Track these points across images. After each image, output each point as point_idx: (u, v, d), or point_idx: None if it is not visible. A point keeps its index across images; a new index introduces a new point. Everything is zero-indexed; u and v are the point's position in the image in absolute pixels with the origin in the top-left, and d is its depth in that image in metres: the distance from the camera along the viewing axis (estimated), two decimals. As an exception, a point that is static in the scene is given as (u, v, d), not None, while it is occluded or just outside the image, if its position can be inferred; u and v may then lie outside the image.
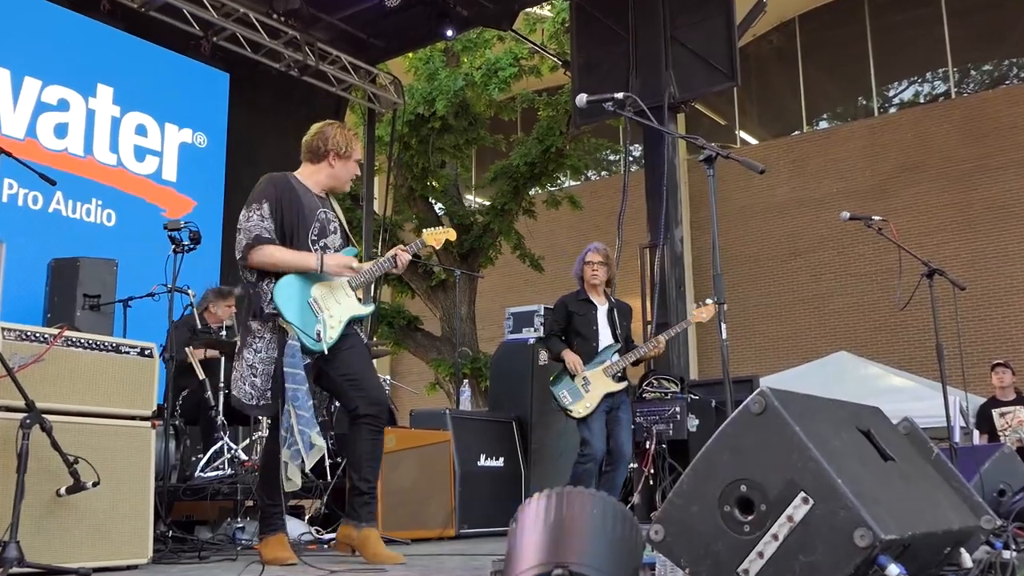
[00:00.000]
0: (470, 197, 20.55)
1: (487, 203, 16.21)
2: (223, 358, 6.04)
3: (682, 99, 8.85)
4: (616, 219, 8.82)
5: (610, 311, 5.99)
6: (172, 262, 4.90)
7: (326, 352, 3.83)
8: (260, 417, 5.81)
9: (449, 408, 6.73)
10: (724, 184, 17.40)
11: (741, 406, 2.31)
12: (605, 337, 5.91)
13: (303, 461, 3.72)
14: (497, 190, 15.14)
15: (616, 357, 5.85)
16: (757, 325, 17.72)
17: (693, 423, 7.07)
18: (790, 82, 18.91)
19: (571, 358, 5.72)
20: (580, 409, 5.67)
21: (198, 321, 6.18)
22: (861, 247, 16.93)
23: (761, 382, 7.77)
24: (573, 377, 5.72)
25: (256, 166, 9.40)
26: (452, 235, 4.38)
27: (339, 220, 4.11)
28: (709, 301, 6.16)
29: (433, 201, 15.68)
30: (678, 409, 7.00)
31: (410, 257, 4.15)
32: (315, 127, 4.20)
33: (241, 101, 8.95)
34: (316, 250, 3.94)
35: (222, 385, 5.92)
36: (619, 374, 5.84)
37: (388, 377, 7.31)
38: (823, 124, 18.88)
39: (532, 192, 15.57)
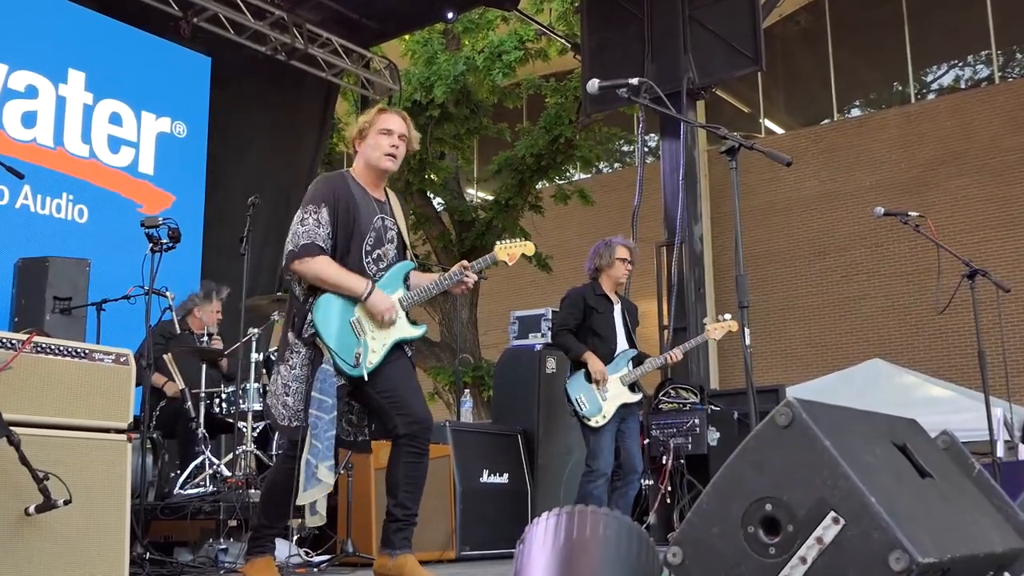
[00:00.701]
0: (472, 191, 20.58)
1: (490, 198, 16.23)
2: (204, 365, 6.06)
3: (702, 85, 8.87)
4: (630, 215, 8.84)
5: (623, 311, 6.01)
6: (149, 262, 4.91)
7: (365, 377, 3.79)
8: (243, 428, 5.84)
9: (449, 420, 6.74)
10: (748, 177, 17.41)
11: (766, 418, 2.31)
12: (622, 340, 5.92)
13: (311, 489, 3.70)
14: (501, 184, 15.16)
15: (631, 366, 5.85)
16: (783, 330, 17.73)
17: (714, 436, 7.07)
18: (819, 66, 18.90)
19: (597, 366, 5.70)
20: (598, 419, 5.66)
21: (177, 327, 6.19)
22: (896, 245, 16.91)
23: (788, 392, 7.78)
24: (590, 380, 5.72)
25: (240, 158, 9.50)
26: (530, 248, 4.21)
27: (398, 227, 4.07)
28: (727, 317, 6.17)
29: (432, 196, 15.71)
30: (697, 421, 7.01)
31: (475, 278, 4.06)
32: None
33: (224, 87, 8.98)
34: (369, 263, 3.92)
35: (203, 394, 5.95)
36: (633, 383, 5.85)
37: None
38: (855, 112, 18.87)
39: (539, 186, 15.59)
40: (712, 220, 18.35)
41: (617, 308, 5.97)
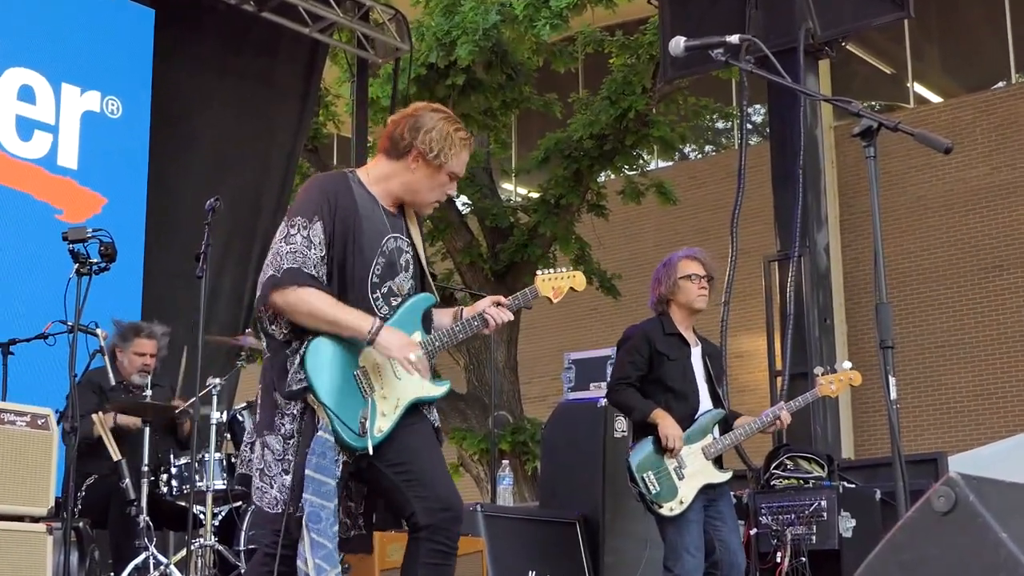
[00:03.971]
0: (508, 186, 20.63)
1: (535, 195, 16.26)
2: (147, 428, 6.12)
3: (826, 39, 8.87)
4: (728, 218, 8.85)
5: (703, 355, 6.00)
6: (74, 288, 4.98)
7: (371, 451, 3.79)
8: (200, 515, 5.89)
9: (481, 503, 6.76)
10: (891, 164, 17.31)
11: (920, 501, 2.33)
12: (704, 396, 5.90)
13: None
14: (549, 176, 15.19)
15: (717, 433, 5.83)
16: (944, 376, 17.58)
17: (848, 525, 7.03)
18: (990, 11, 18.81)
19: (672, 430, 5.64)
20: (673, 505, 5.63)
21: (110, 374, 6.28)
22: (1102, 257, 16.74)
23: (951, 463, 7.71)
24: (663, 453, 5.71)
25: (194, 144, 9.60)
26: (580, 282, 4.29)
27: (415, 250, 4.11)
28: (847, 366, 6.13)
29: (454, 194, 15.78)
30: (824, 504, 6.97)
31: (510, 316, 4.12)
32: (411, 107, 4.15)
33: (172, 49, 9.08)
34: (377, 299, 3.94)
35: (145, 468, 6.01)
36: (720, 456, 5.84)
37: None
38: (1041, 71, 18.74)
39: (601, 178, 15.60)
40: (842, 224, 18.26)
41: (696, 352, 5.95)
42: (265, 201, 9.90)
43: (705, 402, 5.87)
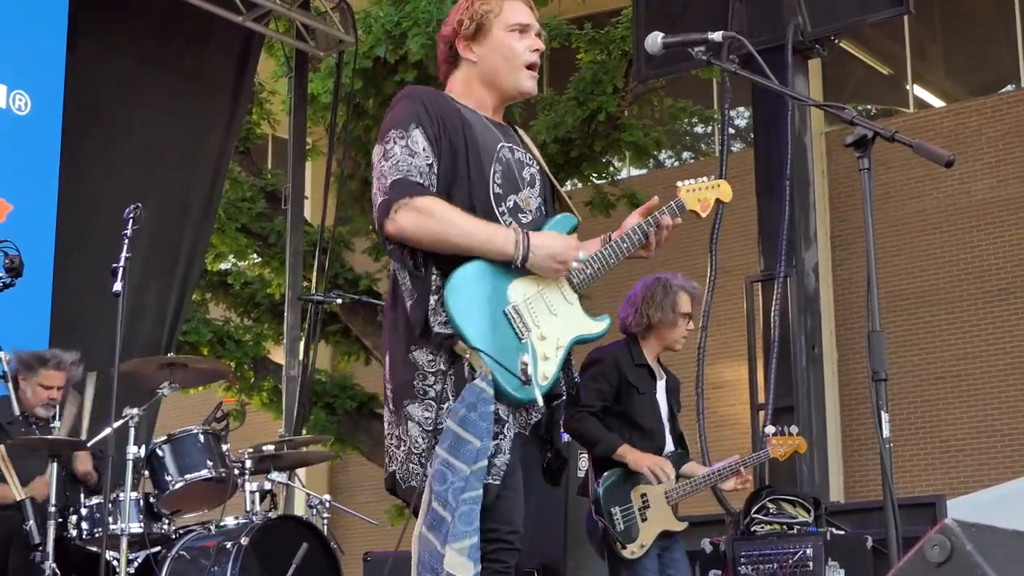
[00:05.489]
0: (464, 195, 20.64)
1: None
2: (54, 464, 6.08)
3: (818, 36, 8.91)
4: (707, 232, 8.87)
5: (667, 391, 6.04)
6: (-25, 306, 4.96)
7: (540, 402, 3.66)
8: (114, 562, 5.85)
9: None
10: (887, 175, 17.43)
11: (914, 549, 2.35)
12: (668, 435, 5.96)
13: None
14: (509, 184, 15.22)
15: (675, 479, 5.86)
16: (944, 411, 17.66)
17: (836, 575, 7.07)
18: (998, 8, 18.97)
19: (655, 460, 5.66)
20: (635, 548, 5.66)
21: (15, 404, 6.24)
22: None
23: (950, 507, 7.76)
24: (630, 490, 5.73)
25: (113, 144, 9.56)
26: (727, 193, 4.04)
27: (538, 162, 3.98)
28: (794, 431, 6.17)
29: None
30: (810, 552, 7.00)
31: (671, 226, 3.92)
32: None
33: (88, 40, 9.05)
34: (504, 213, 3.78)
35: (53, 508, 5.96)
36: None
37: (327, 496, 7.32)
38: (1053, 74, 18.90)
39: (567, 187, 15.64)
40: (833, 241, 18.34)
41: (661, 386, 6.00)
42: (192, 208, 9.86)
43: (669, 443, 5.93)
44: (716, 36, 4.10)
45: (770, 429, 6.33)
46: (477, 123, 3.81)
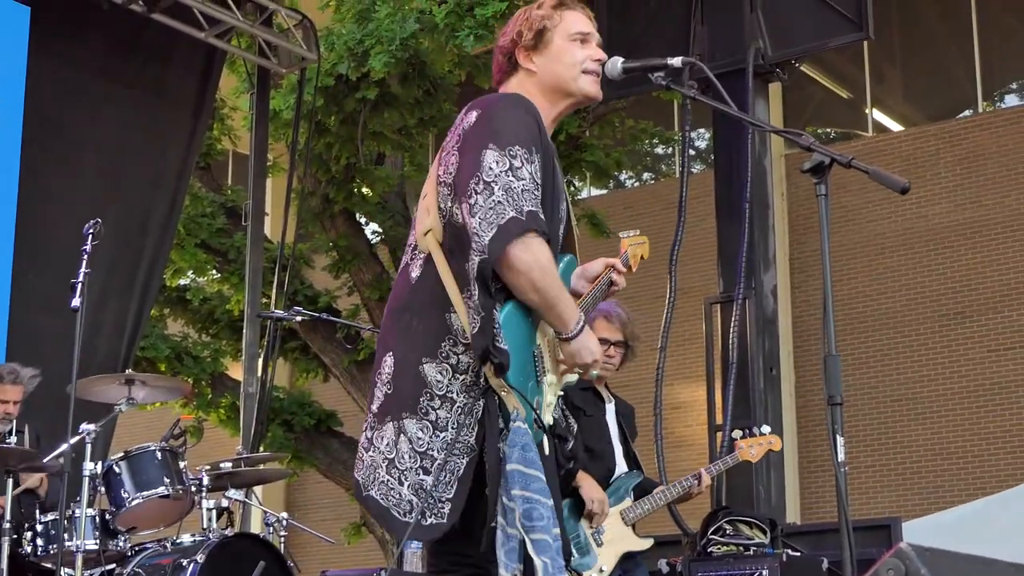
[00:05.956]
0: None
1: (453, 224, 16.25)
2: (9, 480, 6.05)
3: (778, 60, 8.97)
4: (667, 252, 8.89)
5: (617, 414, 6.05)
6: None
7: (546, 449, 3.67)
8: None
9: (384, 568, 6.74)
10: (845, 199, 17.51)
11: (869, 573, 2.37)
12: (620, 457, 5.97)
13: None
14: (470, 203, 15.22)
15: (631, 496, 5.87)
16: (900, 432, 17.72)
17: (793, 597, 7.09)
18: (956, 34, 19.09)
19: (597, 494, 5.67)
20: (593, 574, 5.68)
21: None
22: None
23: (904, 529, 7.80)
24: (580, 517, 5.73)
25: (74, 158, 9.52)
26: (647, 251, 4.34)
27: (565, 193, 3.96)
28: (766, 430, 6.20)
29: (363, 220, 15.73)
30: (766, 573, 7.03)
31: (623, 283, 4.08)
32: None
33: (50, 53, 9.02)
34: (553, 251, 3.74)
35: (7, 525, 5.93)
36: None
37: (284, 514, 7.30)
38: (1011, 100, 19.01)
39: (529, 207, 15.66)
40: (792, 264, 18.39)
41: (610, 409, 6.03)
42: (152, 223, 9.82)
43: (621, 463, 5.94)
44: (676, 61, 4.11)
45: (737, 433, 6.37)
46: (552, 150, 3.76)
